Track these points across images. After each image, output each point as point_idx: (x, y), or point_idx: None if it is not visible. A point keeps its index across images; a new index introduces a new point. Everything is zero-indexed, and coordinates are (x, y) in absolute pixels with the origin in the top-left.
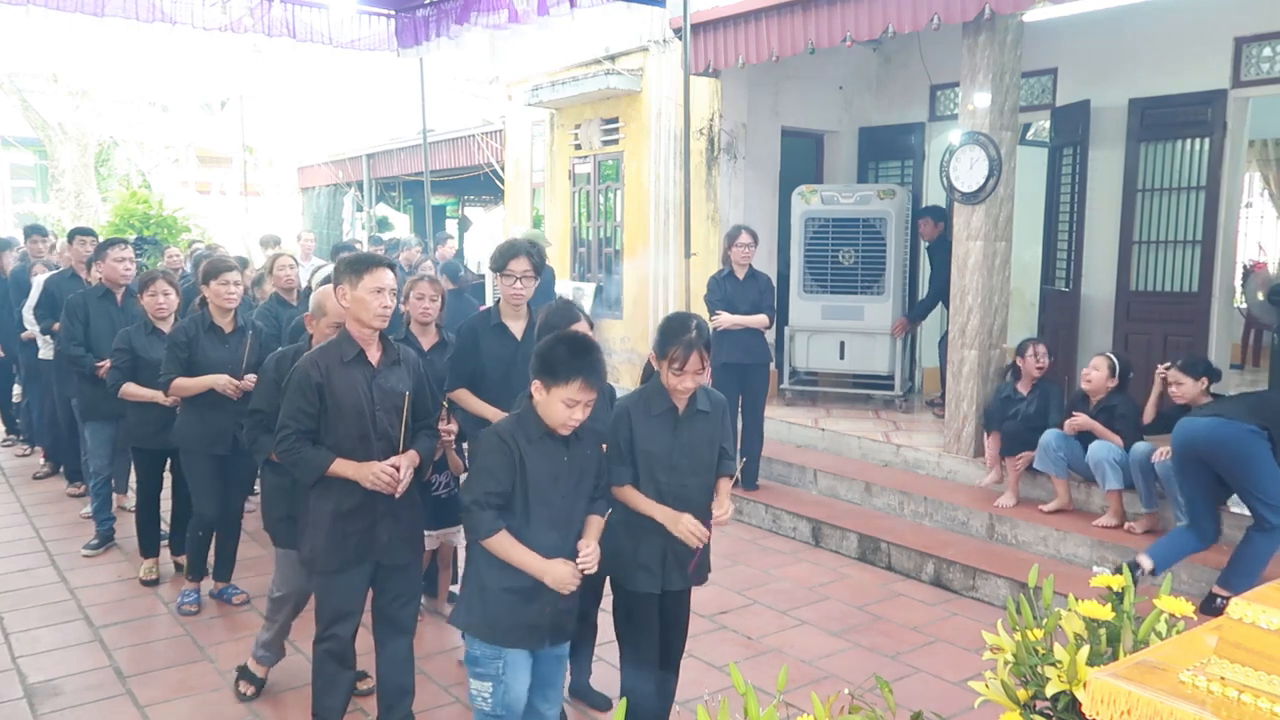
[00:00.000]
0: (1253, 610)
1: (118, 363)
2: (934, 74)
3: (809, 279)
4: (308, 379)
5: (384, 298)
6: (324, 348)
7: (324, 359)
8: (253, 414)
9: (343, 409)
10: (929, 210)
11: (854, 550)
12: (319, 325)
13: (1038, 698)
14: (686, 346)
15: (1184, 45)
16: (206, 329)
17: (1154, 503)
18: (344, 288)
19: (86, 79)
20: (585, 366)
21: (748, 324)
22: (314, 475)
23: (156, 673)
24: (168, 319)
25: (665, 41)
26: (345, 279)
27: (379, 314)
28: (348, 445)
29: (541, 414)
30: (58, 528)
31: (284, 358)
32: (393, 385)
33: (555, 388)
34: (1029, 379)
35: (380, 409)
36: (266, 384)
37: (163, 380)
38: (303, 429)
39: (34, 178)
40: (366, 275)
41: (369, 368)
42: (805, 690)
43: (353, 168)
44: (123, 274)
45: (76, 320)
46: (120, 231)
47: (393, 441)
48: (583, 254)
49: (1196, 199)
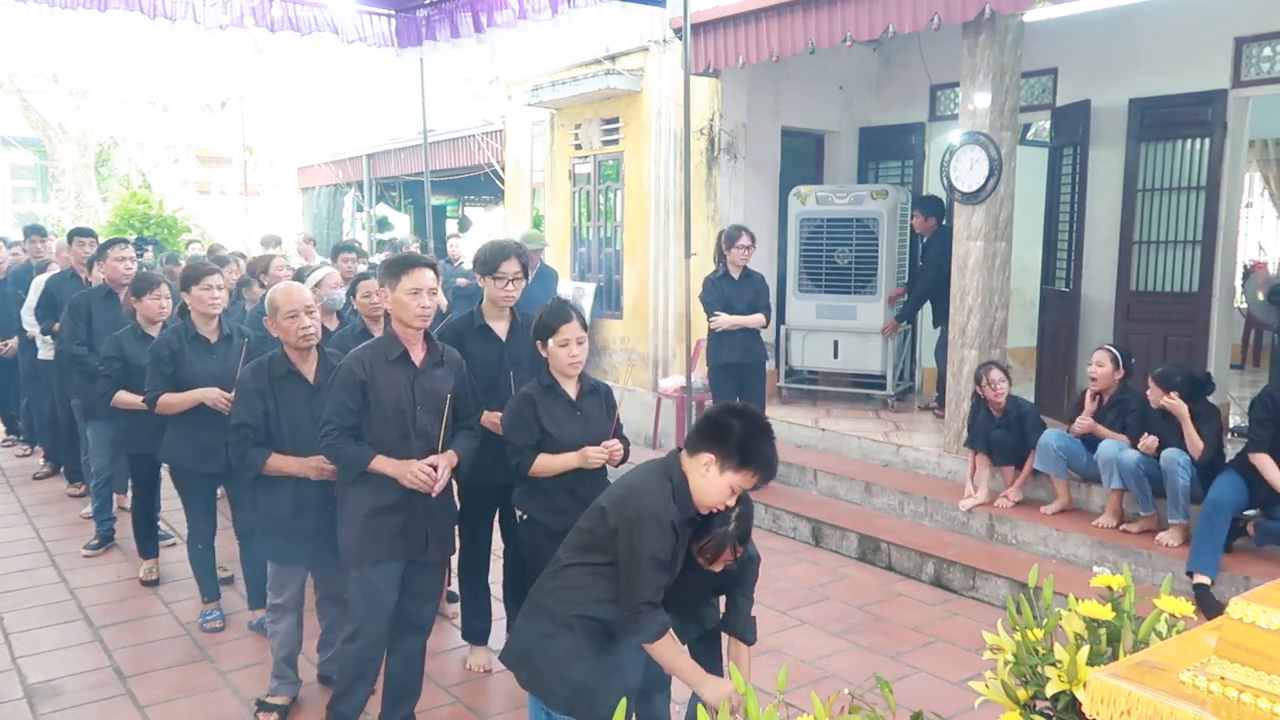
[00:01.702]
0: (1253, 610)
1: (108, 370)
2: (934, 74)
3: (804, 279)
4: (352, 376)
5: (422, 298)
6: (370, 346)
7: (369, 357)
8: (237, 429)
9: (384, 407)
10: (921, 203)
11: (854, 550)
12: (278, 321)
13: (1038, 698)
14: None
15: (1184, 45)
16: (190, 339)
17: (1150, 506)
18: (384, 290)
19: (86, 79)
20: (770, 468)
21: (745, 324)
22: (355, 470)
23: (156, 673)
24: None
25: (665, 41)
26: (385, 281)
27: (419, 314)
28: (388, 443)
29: (700, 488)
30: (58, 528)
31: (259, 366)
32: (435, 386)
33: (730, 471)
34: (996, 405)
35: (421, 409)
36: (246, 395)
37: (148, 396)
38: (345, 425)
39: (34, 178)
40: (404, 277)
41: (412, 368)
42: (805, 690)
43: (353, 168)
44: (123, 273)
45: (79, 320)
46: (120, 232)
47: (431, 441)
48: (583, 254)
49: (1197, 199)
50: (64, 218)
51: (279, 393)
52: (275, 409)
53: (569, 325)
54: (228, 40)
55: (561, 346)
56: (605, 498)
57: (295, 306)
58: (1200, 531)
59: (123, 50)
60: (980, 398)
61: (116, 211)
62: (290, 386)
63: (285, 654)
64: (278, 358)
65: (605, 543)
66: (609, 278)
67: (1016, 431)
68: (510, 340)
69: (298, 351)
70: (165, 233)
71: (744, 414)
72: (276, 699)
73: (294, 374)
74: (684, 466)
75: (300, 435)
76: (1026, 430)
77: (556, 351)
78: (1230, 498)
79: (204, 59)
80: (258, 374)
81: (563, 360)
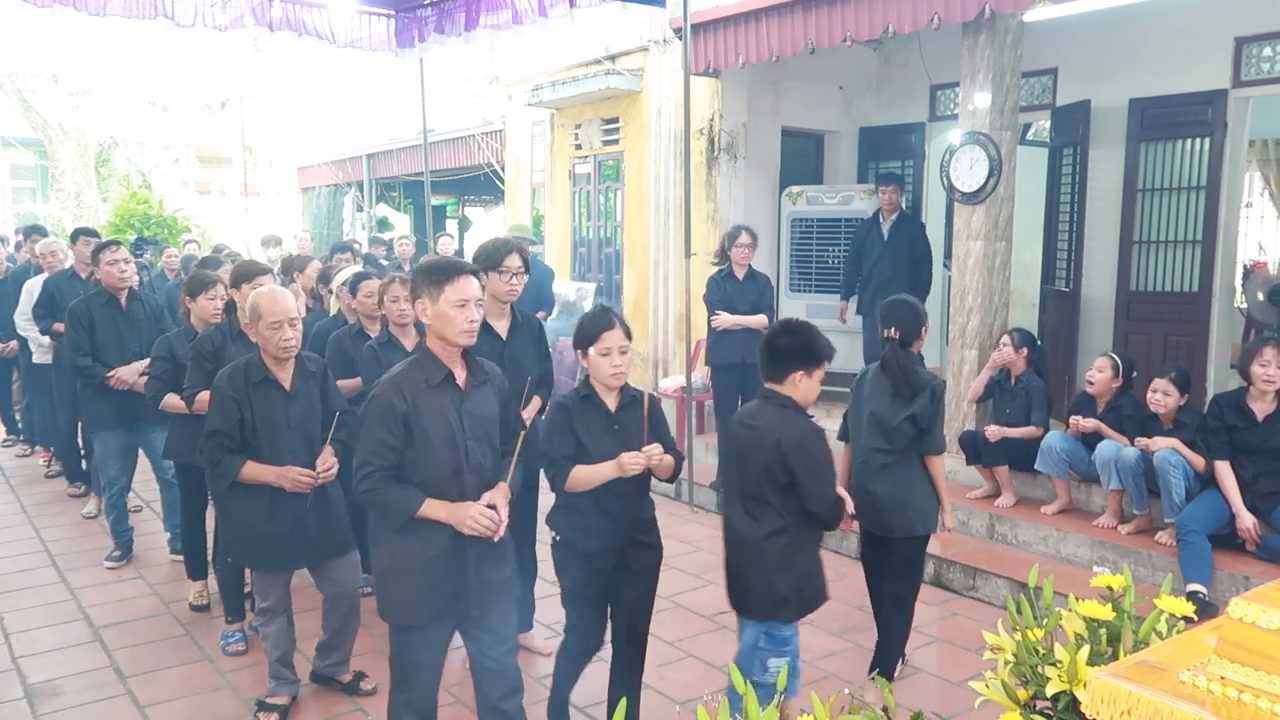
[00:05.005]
0: (1253, 610)
1: (158, 372)
2: (934, 74)
3: (795, 278)
4: (391, 409)
5: (469, 311)
6: (405, 371)
7: (408, 385)
8: (210, 436)
9: (432, 441)
10: (885, 177)
11: (854, 550)
12: (259, 329)
13: (1038, 698)
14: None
15: (1184, 45)
16: (234, 337)
17: (1145, 505)
18: (423, 301)
19: (86, 79)
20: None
21: (747, 324)
22: (402, 518)
23: (156, 673)
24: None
25: (665, 41)
26: (424, 291)
27: (465, 329)
28: (438, 482)
29: (804, 397)
30: (58, 528)
31: (235, 371)
32: (482, 410)
33: (816, 370)
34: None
35: (472, 437)
36: (221, 402)
37: (186, 393)
38: (387, 465)
39: (34, 178)
40: (448, 286)
41: (457, 391)
42: (805, 690)
43: (353, 168)
44: (118, 277)
45: (81, 329)
46: (120, 232)
47: (485, 474)
48: (583, 254)
49: (1197, 199)
50: (64, 218)
51: (255, 400)
52: (251, 416)
53: (611, 333)
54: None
55: (603, 355)
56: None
57: (280, 317)
58: (1181, 553)
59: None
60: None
61: (116, 211)
62: (266, 393)
63: (280, 655)
64: (254, 364)
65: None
66: (609, 278)
67: (1023, 402)
68: (511, 339)
69: (275, 360)
70: (165, 233)
71: (788, 329)
72: (277, 699)
73: (270, 381)
74: (783, 391)
75: (276, 443)
76: (1033, 405)
77: (598, 361)
78: (1203, 518)
79: (204, 59)
80: (234, 380)
81: (604, 370)
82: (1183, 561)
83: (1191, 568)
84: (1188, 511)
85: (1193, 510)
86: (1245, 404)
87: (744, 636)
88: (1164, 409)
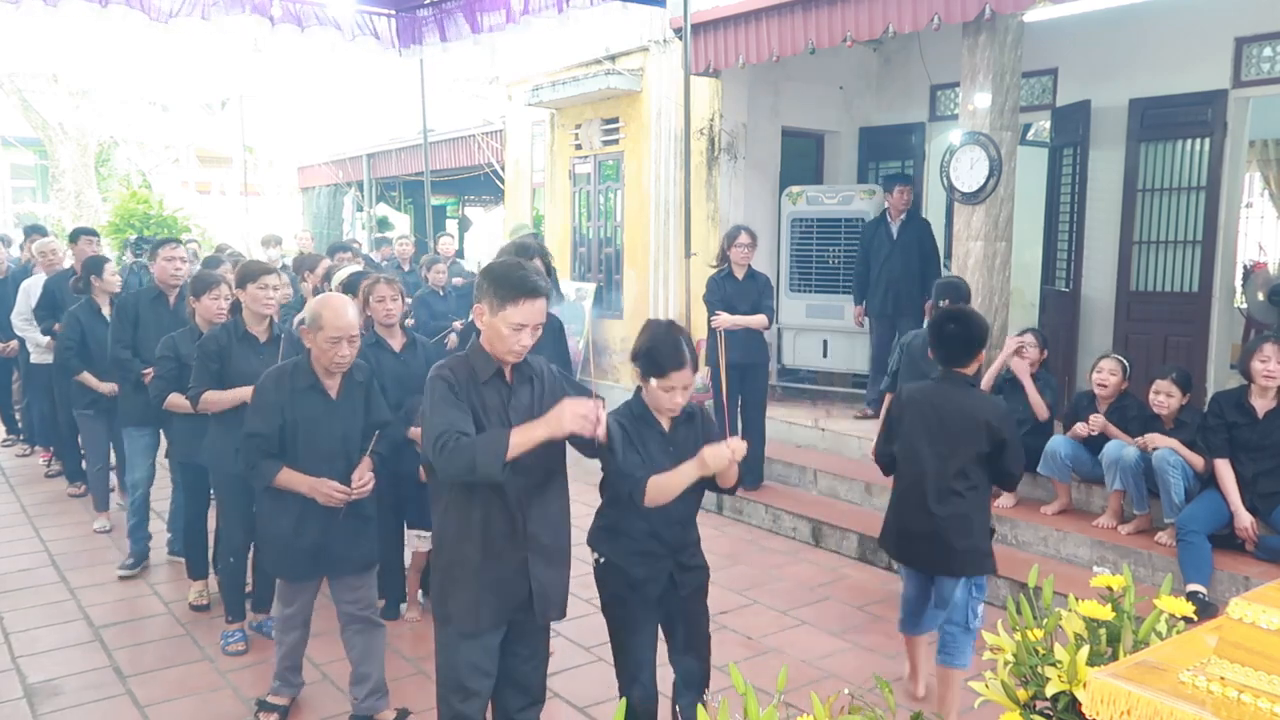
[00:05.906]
0: (1253, 610)
1: (162, 371)
2: (934, 74)
3: (795, 278)
4: (449, 388)
5: (523, 336)
6: (453, 364)
7: (457, 377)
8: (250, 438)
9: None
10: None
11: (854, 550)
12: (317, 339)
13: (1038, 698)
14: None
15: (1184, 45)
16: (240, 337)
17: (1145, 505)
18: (481, 307)
19: (86, 79)
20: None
21: (747, 324)
22: (496, 466)
23: (156, 673)
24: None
25: (665, 41)
26: (485, 299)
27: (514, 350)
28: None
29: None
30: (58, 528)
31: (282, 375)
32: (528, 406)
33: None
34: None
35: None
36: (265, 405)
37: (192, 393)
38: (463, 430)
39: (34, 178)
40: (511, 306)
41: (505, 387)
42: (805, 690)
43: (353, 168)
44: (171, 274)
45: (126, 322)
46: (120, 232)
47: (531, 475)
48: (583, 254)
49: (1197, 199)
50: (64, 218)
51: (298, 405)
52: (293, 422)
53: (681, 373)
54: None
55: (666, 391)
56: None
57: (341, 333)
58: (1181, 553)
59: (122, 50)
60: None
61: (116, 211)
62: (310, 400)
63: (291, 662)
64: (302, 368)
65: (976, 466)
66: (609, 278)
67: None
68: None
69: (325, 370)
70: (165, 233)
71: (966, 316)
72: (277, 699)
73: (317, 388)
74: (968, 372)
75: (315, 451)
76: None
77: (658, 394)
78: (1203, 518)
79: (204, 59)
80: (280, 383)
81: (663, 403)
82: (1182, 562)
83: (1191, 568)
84: (1187, 512)
85: (1192, 510)
86: (1246, 401)
87: (947, 594)
88: (1166, 410)
